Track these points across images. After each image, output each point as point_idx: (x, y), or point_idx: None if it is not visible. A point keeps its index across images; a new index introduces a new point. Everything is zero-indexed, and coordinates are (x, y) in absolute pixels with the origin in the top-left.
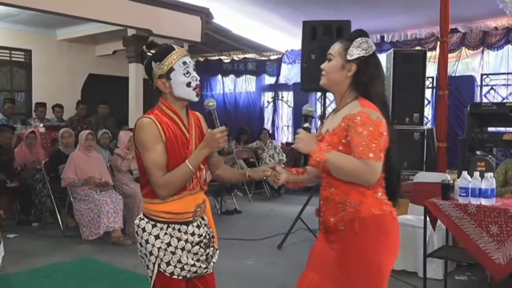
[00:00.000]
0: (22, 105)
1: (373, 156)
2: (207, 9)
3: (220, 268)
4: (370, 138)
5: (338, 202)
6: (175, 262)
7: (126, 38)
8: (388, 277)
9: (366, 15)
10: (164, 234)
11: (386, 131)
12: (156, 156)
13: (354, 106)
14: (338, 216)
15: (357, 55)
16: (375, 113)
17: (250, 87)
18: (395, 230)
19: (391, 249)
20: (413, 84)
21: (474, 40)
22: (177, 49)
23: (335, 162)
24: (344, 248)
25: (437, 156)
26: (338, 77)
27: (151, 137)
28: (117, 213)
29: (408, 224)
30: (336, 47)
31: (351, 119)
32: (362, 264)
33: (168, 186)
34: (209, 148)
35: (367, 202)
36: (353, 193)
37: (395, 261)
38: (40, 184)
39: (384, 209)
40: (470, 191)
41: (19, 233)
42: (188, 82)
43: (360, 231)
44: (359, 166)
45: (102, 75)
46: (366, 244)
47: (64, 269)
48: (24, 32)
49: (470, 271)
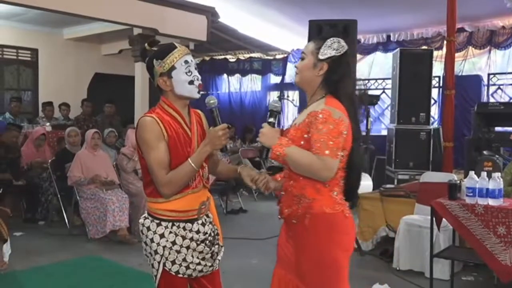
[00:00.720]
0: (28, 104)
1: (329, 153)
2: (213, 8)
3: (225, 268)
4: (329, 136)
5: (295, 195)
6: (180, 261)
7: (132, 37)
8: (346, 270)
9: (372, 14)
10: (169, 232)
11: (348, 130)
12: (159, 155)
13: (320, 104)
14: (292, 209)
15: (328, 54)
16: (338, 112)
17: (256, 86)
18: (348, 228)
19: (343, 246)
20: (419, 84)
21: (481, 39)
22: (178, 47)
23: (293, 156)
24: (297, 244)
25: (444, 156)
26: (310, 75)
27: (154, 136)
28: (123, 211)
29: (414, 224)
30: (309, 46)
31: (314, 116)
32: (314, 260)
33: (172, 185)
34: (212, 145)
35: (320, 199)
36: (309, 188)
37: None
38: (47, 183)
39: (336, 208)
40: (478, 191)
41: (26, 231)
42: (190, 81)
43: (310, 227)
44: (315, 162)
45: (108, 74)
46: (317, 241)
47: (70, 267)
48: (31, 31)
49: (477, 271)
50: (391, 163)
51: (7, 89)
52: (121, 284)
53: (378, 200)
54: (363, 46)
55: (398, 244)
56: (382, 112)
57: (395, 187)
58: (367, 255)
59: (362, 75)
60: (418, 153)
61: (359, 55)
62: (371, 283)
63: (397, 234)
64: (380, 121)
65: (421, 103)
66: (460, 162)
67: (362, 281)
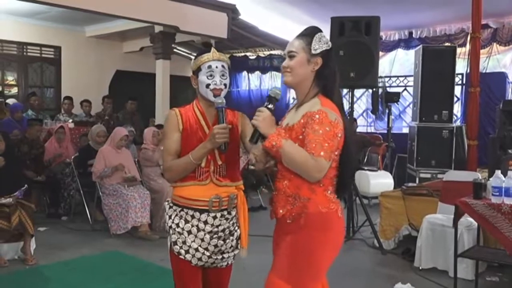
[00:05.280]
0: (51, 100)
1: (324, 154)
2: (234, 5)
3: (245, 264)
4: (324, 138)
5: (289, 195)
6: (181, 243)
7: (153, 35)
8: (326, 271)
9: (395, 11)
10: (175, 215)
11: (342, 132)
12: (170, 143)
13: (315, 104)
14: (287, 209)
15: (321, 48)
16: (333, 113)
17: (276, 83)
18: (339, 227)
19: (333, 246)
20: (442, 81)
21: (506, 36)
22: (212, 52)
23: (289, 150)
24: (290, 242)
25: (468, 154)
26: (305, 71)
27: (170, 126)
28: (144, 208)
29: (438, 223)
30: (296, 44)
31: (310, 116)
32: (303, 258)
33: (171, 172)
34: (210, 143)
35: (315, 199)
36: (304, 188)
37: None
38: (69, 178)
39: (331, 207)
40: (504, 191)
41: (49, 226)
42: (207, 84)
43: (305, 226)
44: (309, 161)
45: (129, 71)
46: (310, 240)
47: (92, 262)
48: (54, 29)
49: (502, 272)
50: (413, 162)
51: (31, 86)
52: (142, 279)
53: (400, 198)
54: (384, 43)
55: (420, 243)
56: (404, 109)
57: (418, 186)
58: (388, 254)
59: (383, 72)
60: (440, 151)
61: (380, 52)
62: (393, 282)
63: (420, 233)
64: (402, 119)
65: (443, 100)
66: (483, 160)
67: (384, 280)
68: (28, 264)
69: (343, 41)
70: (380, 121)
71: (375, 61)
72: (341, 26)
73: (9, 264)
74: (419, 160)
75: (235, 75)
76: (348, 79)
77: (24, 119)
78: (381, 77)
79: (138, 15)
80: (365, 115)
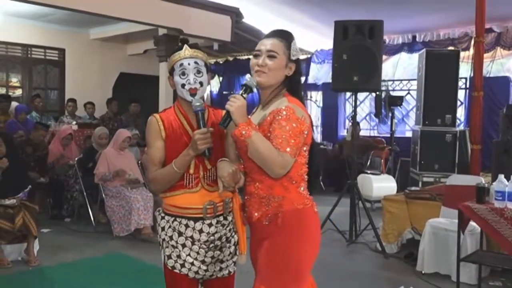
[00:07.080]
0: (55, 102)
1: (290, 150)
2: (237, 9)
3: (248, 268)
4: (291, 134)
5: (263, 196)
6: (175, 257)
7: (157, 38)
8: (309, 271)
9: (398, 15)
10: (168, 227)
11: (309, 130)
12: (153, 152)
13: (282, 101)
14: (262, 211)
15: (298, 55)
16: (301, 110)
17: None
18: (316, 223)
19: (313, 243)
20: (445, 85)
21: (510, 40)
22: (184, 50)
23: (256, 142)
24: (267, 247)
25: (471, 158)
26: (281, 75)
27: (152, 135)
28: (147, 210)
29: (440, 227)
30: (277, 45)
31: (277, 112)
32: (282, 261)
33: (156, 182)
34: (193, 150)
35: (289, 197)
36: (277, 187)
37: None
38: (72, 180)
39: (306, 203)
40: (507, 195)
41: (52, 228)
42: (182, 84)
43: (283, 225)
44: (275, 155)
45: (133, 74)
46: (289, 239)
47: (95, 264)
48: (59, 31)
49: (505, 276)
50: (416, 165)
51: (35, 88)
52: (145, 280)
53: (403, 202)
54: (388, 46)
55: (423, 247)
56: (407, 113)
57: (421, 189)
58: (391, 257)
59: (386, 76)
60: (443, 155)
61: (383, 56)
62: (396, 286)
63: (423, 237)
64: (405, 123)
65: (447, 104)
66: (486, 164)
67: (386, 284)
68: (31, 265)
69: (347, 44)
70: (383, 124)
71: (378, 64)
72: (344, 30)
73: (12, 265)
74: (422, 164)
75: (239, 78)
76: (352, 83)
77: (28, 121)
78: (384, 80)
79: (142, 17)
80: (368, 118)
